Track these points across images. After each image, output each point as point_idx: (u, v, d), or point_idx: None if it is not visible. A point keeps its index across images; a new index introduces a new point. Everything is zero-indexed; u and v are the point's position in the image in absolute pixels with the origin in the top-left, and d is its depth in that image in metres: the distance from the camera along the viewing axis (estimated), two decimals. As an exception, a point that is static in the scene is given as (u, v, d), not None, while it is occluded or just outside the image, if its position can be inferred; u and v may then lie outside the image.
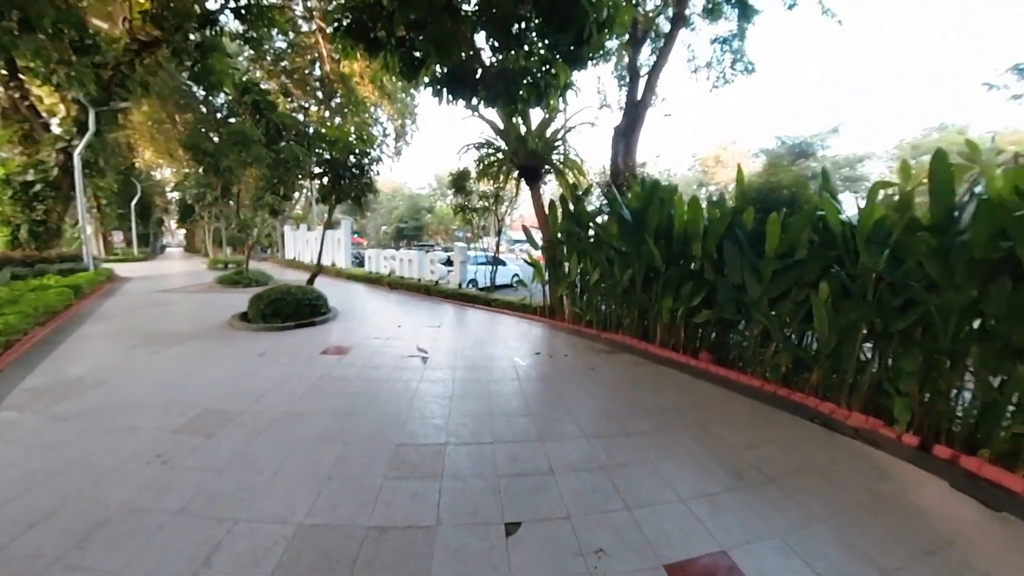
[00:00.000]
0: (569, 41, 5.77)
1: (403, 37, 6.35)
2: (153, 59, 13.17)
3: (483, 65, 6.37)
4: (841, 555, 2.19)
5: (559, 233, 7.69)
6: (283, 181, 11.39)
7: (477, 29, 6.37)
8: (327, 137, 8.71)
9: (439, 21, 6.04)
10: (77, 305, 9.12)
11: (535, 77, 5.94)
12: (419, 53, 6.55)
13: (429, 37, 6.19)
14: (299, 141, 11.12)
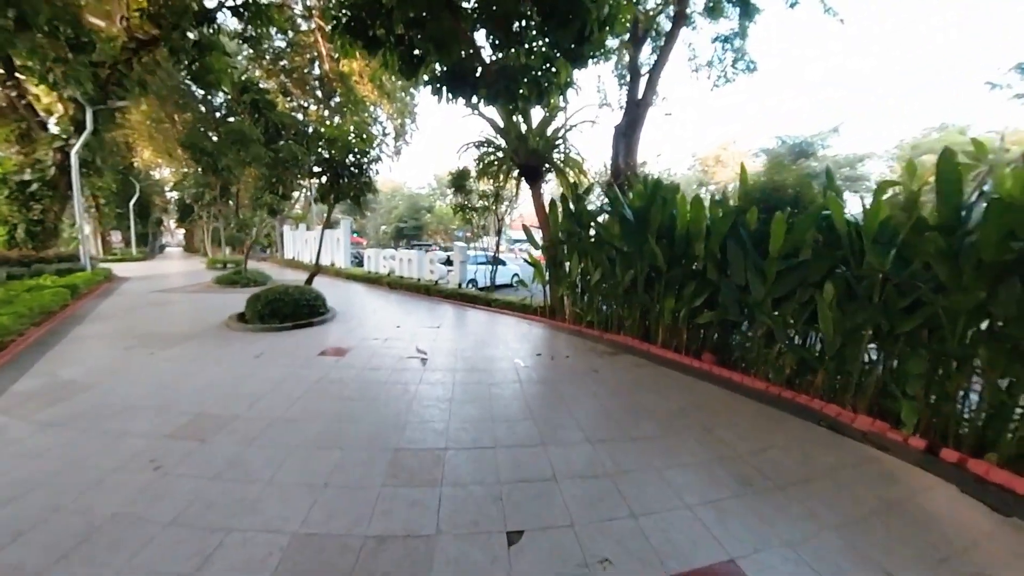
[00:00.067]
0: (570, 39, 5.69)
1: (402, 35, 6.28)
2: (151, 58, 13.08)
3: (483, 63, 6.30)
4: (852, 564, 2.14)
5: (560, 233, 7.63)
6: (281, 180, 11.32)
7: (477, 27, 6.30)
8: (326, 136, 8.64)
9: (439, 18, 5.97)
10: (73, 305, 9.05)
11: (536, 75, 5.87)
12: (418, 51, 6.48)
13: (428, 35, 6.12)
14: (298, 140, 11.04)
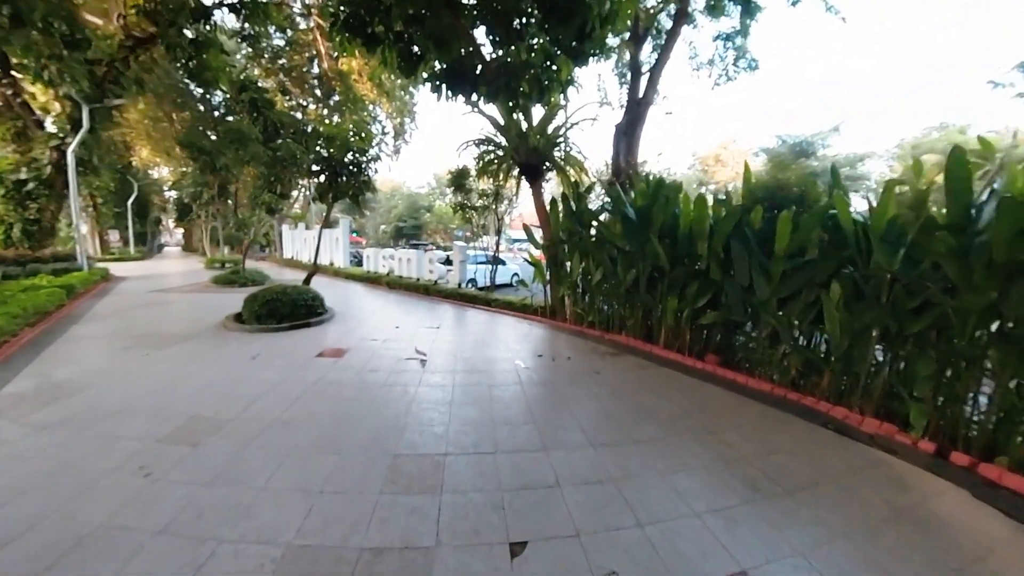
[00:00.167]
0: (571, 36, 5.61)
1: (401, 32, 6.20)
2: (148, 56, 12.98)
3: (483, 60, 6.22)
4: (866, 574, 2.07)
5: (560, 232, 7.55)
6: (279, 179, 11.22)
7: (477, 23, 6.22)
8: (324, 134, 8.55)
9: (438, 15, 5.89)
10: (69, 305, 8.96)
11: (537, 72, 5.80)
12: (417, 48, 6.40)
13: (428, 31, 6.04)
14: (296, 139, 10.94)
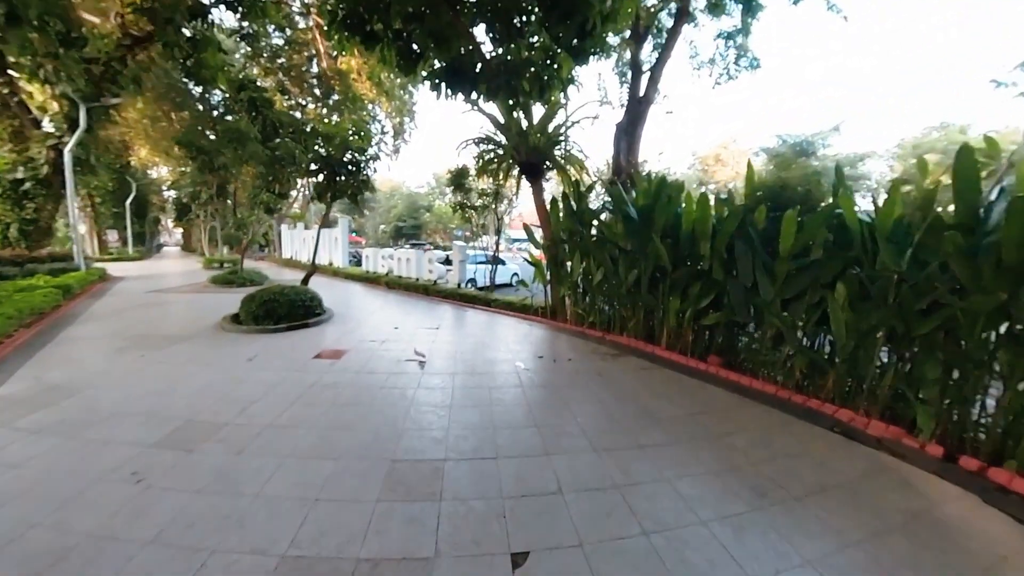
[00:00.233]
0: (572, 34, 5.54)
1: (400, 29, 6.12)
2: (146, 55, 12.90)
3: (483, 58, 6.15)
4: (880, 586, 2.00)
5: (561, 231, 7.48)
6: (278, 179, 11.14)
7: (477, 21, 6.14)
8: (322, 133, 8.47)
9: (438, 13, 5.81)
10: (66, 306, 8.89)
11: (538, 70, 5.72)
12: (417, 46, 6.32)
13: (427, 29, 5.96)
14: (295, 138, 10.86)
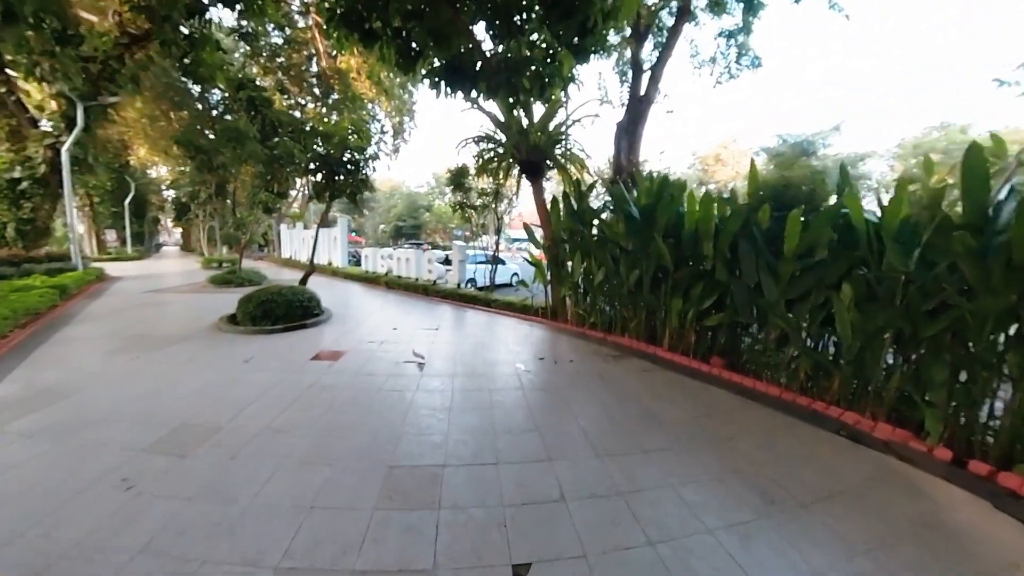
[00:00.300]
0: (573, 31, 5.47)
1: (399, 27, 6.05)
2: (144, 53, 12.82)
3: (483, 56, 6.08)
4: (892, 598, 1.94)
5: (561, 231, 7.41)
6: (276, 178, 11.06)
7: (477, 19, 6.07)
8: (321, 132, 8.40)
9: (437, 10, 5.74)
10: (62, 306, 8.82)
11: (538, 67, 5.65)
12: (416, 44, 6.25)
13: (427, 27, 5.89)
14: (294, 137, 10.79)
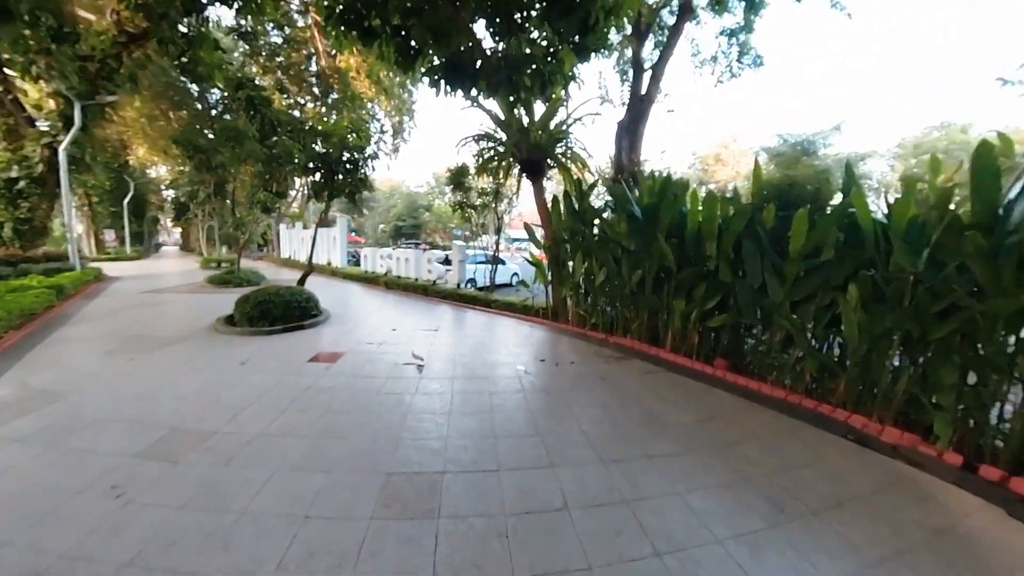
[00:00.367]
0: (574, 29, 5.40)
1: (399, 25, 5.98)
2: (142, 52, 12.75)
3: (483, 54, 6.01)
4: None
5: (562, 231, 7.34)
6: (275, 177, 10.99)
7: (477, 17, 6.00)
8: (320, 131, 8.32)
9: (436, 8, 5.67)
10: (59, 307, 8.74)
11: (539, 65, 5.58)
12: (415, 43, 6.17)
13: (426, 24, 5.81)
14: (293, 137, 10.71)
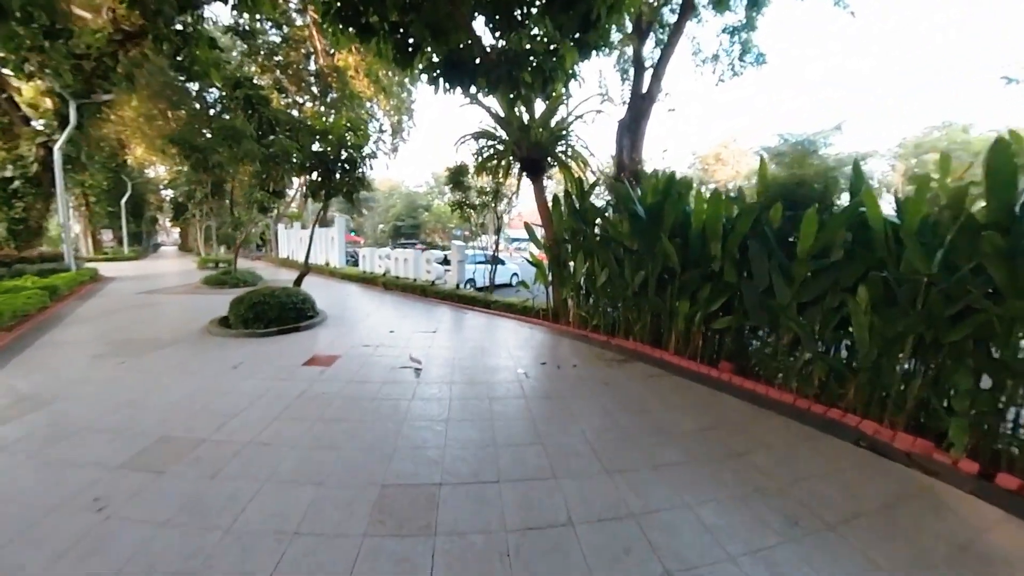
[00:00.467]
0: (576, 24, 5.29)
1: (397, 21, 5.86)
2: (138, 51, 12.63)
3: (483, 50, 5.89)
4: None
5: (563, 231, 7.22)
6: (272, 176, 10.86)
7: (476, 13, 5.88)
8: (318, 130, 8.20)
9: (435, 3, 5.55)
10: (52, 308, 8.61)
11: (540, 61, 5.46)
12: (413, 39, 6.05)
13: (424, 21, 5.70)
14: (291, 136, 10.59)
